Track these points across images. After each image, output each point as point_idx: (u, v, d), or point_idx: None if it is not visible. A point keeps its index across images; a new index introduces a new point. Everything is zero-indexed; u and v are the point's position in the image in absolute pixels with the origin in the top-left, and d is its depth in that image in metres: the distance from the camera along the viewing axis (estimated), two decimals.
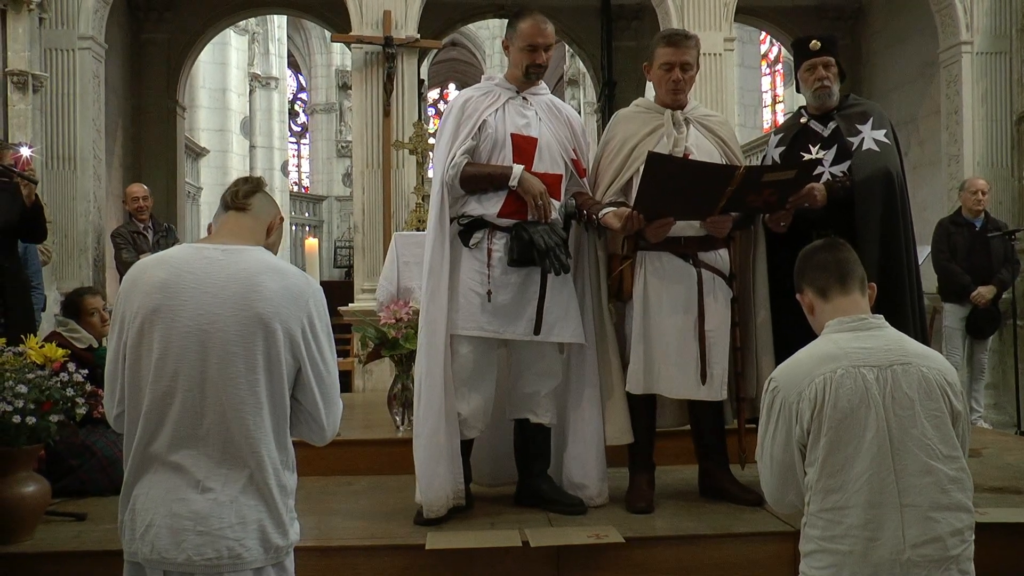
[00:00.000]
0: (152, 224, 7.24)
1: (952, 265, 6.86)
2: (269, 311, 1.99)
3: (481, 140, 3.38)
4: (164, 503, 1.95)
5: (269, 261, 2.08)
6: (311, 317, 2.07)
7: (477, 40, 22.68)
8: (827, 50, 3.68)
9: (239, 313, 1.98)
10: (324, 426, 2.13)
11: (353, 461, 4.30)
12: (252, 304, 1.99)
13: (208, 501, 1.95)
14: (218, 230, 2.18)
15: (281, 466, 2.04)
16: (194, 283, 2.00)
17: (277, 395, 2.02)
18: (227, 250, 2.06)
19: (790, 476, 2.27)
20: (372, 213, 7.70)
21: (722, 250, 3.53)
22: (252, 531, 1.97)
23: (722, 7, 8.09)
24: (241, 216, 2.16)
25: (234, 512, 1.96)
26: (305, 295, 2.07)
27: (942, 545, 2.12)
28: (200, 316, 1.97)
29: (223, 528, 1.94)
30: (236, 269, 2.02)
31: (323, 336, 2.10)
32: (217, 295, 1.99)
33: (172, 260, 2.05)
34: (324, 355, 2.10)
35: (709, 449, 3.65)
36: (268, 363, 2.00)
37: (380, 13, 7.76)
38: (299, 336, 2.04)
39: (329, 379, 2.12)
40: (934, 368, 2.23)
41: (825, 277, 2.37)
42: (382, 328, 4.49)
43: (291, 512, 2.07)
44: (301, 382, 2.07)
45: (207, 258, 2.04)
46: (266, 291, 2.01)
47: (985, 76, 8.30)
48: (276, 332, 2.00)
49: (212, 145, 17.43)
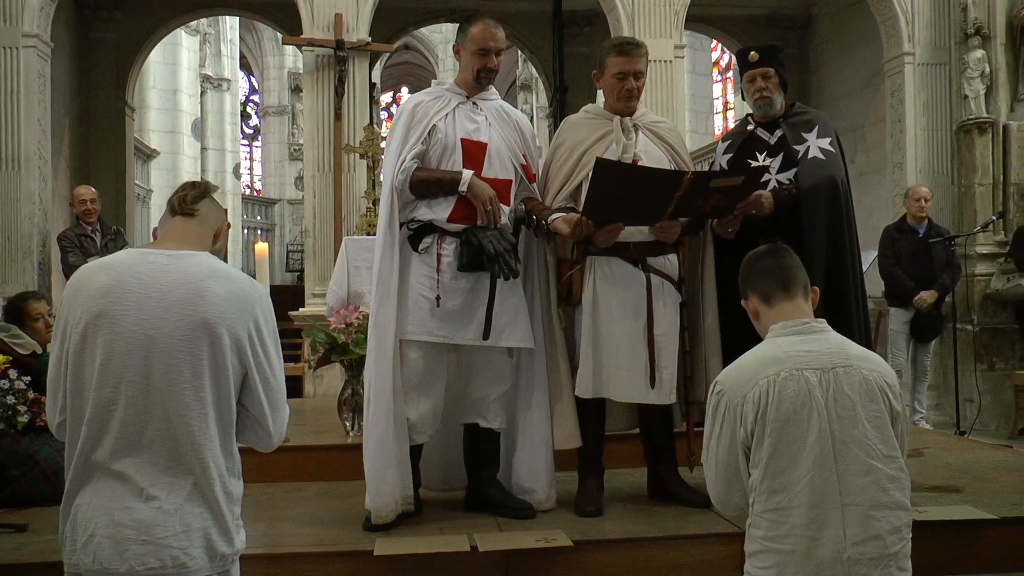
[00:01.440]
0: (100, 227, 7.12)
1: (896, 270, 7.02)
2: (215, 316, 1.98)
3: (431, 145, 3.37)
4: (106, 512, 1.92)
5: (215, 266, 2.07)
6: (258, 322, 2.06)
7: (430, 44, 22.65)
8: (766, 61, 3.72)
9: (184, 318, 1.96)
10: (271, 432, 2.12)
11: (303, 467, 4.27)
12: (198, 309, 1.97)
13: (152, 509, 1.92)
14: (164, 235, 2.15)
15: (227, 473, 2.02)
16: (139, 288, 1.97)
17: (223, 401, 2.01)
18: (173, 255, 2.04)
19: (735, 478, 2.30)
20: (323, 217, 7.66)
21: (671, 255, 3.56)
22: (197, 539, 1.95)
23: (672, 15, 8.18)
24: (188, 221, 2.14)
25: (178, 520, 1.93)
26: (252, 300, 2.06)
27: (881, 543, 2.16)
28: (144, 321, 1.95)
29: (167, 537, 1.92)
30: (182, 274, 2.00)
31: (270, 341, 2.09)
32: (162, 300, 1.96)
33: (116, 265, 2.02)
34: (271, 360, 2.09)
35: (658, 452, 3.68)
36: (214, 369, 1.98)
37: (331, 16, 7.73)
38: (245, 341, 2.02)
39: (276, 385, 2.11)
40: (874, 371, 2.27)
41: (769, 283, 2.41)
42: (332, 333, 4.46)
43: (237, 520, 2.05)
44: (247, 388, 2.06)
45: (152, 263, 2.02)
46: (212, 296, 1.99)
47: (926, 86, 8.53)
48: (222, 337, 1.98)
49: (163, 147, 17.18)
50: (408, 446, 3.34)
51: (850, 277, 3.67)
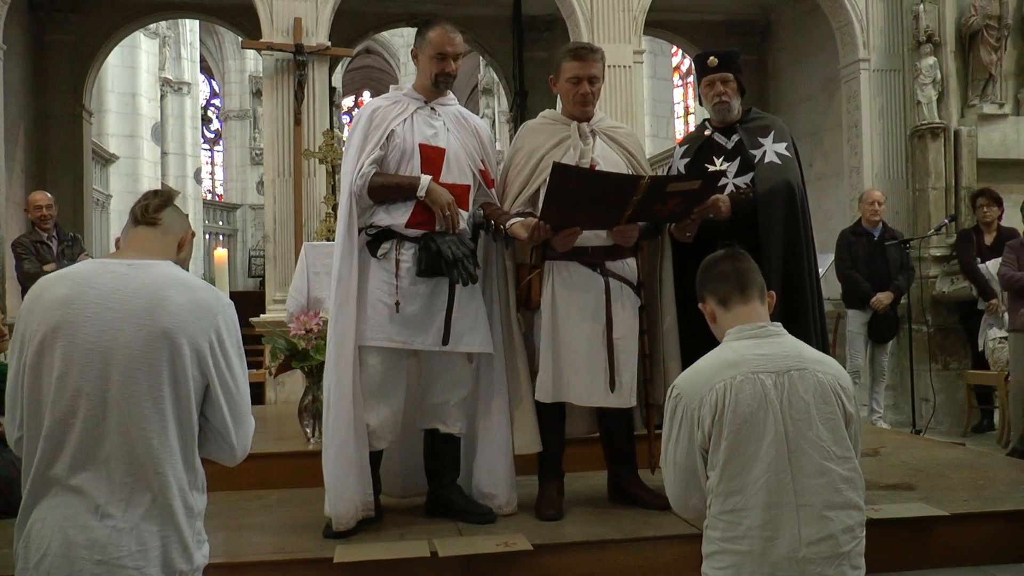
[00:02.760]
0: (57, 233, 7.00)
1: (853, 273, 7.12)
2: (175, 325, 1.94)
3: (389, 150, 3.36)
4: (61, 530, 1.87)
5: (176, 275, 2.02)
6: (219, 332, 2.01)
7: (392, 48, 22.59)
8: (725, 66, 3.75)
9: (143, 328, 1.92)
10: (234, 445, 2.08)
11: (265, 474, 4.23)
12: (157, 319, 1.93)
13: (107, 528, 1.87)
14: (126, 245, 2.11)
15: (188, 487, 1.98)
16: (97, 299, 1.93)
17: (184, 413, 1.96)
18: (133, 264, 2.00)
19: (693, 481, 2.31)
20: (283, 222, 7.60)
21: (629, 259, 3.58)
22: (154, 558, 1.90)
23: (631, 20, 8.24)
24: (151, 231, 2.10)
25: (134, 539, 1.89)
26: (214, 309, 2.02)
27: (835, 542, 2.18)
28: (103, 332, 1.91)
29: (122, 557, 1.87)
30: (141, 284, 1.96)
31: (232, 352, 2.05)
32: (120, 310, 1.92)
33: (75, 276, 1.98)
34: (233, 371, 2.05)
35: (618, 455, 3.70)
36: (174, 380, 1.94)
37: (291, 20, 7.67)
38: (207, 351, 1.98)
39: (239, 396, 2.07)
40: (829, 373, 2.30)
41: (726, 287, 2.43)
42: (292, 339, 4.43)
43: (199, 534, 2.01)
44: (209, 399, 2.02)
45: (112, 272, 1.98)
46: (172, 305, 1.95)
47: (881, 92, 8.67)
48: (182, 347, 1.94)
49: (122, 151, 16.93)
50: (368, 452, 3.33)
51: (806, 280, 3.71)
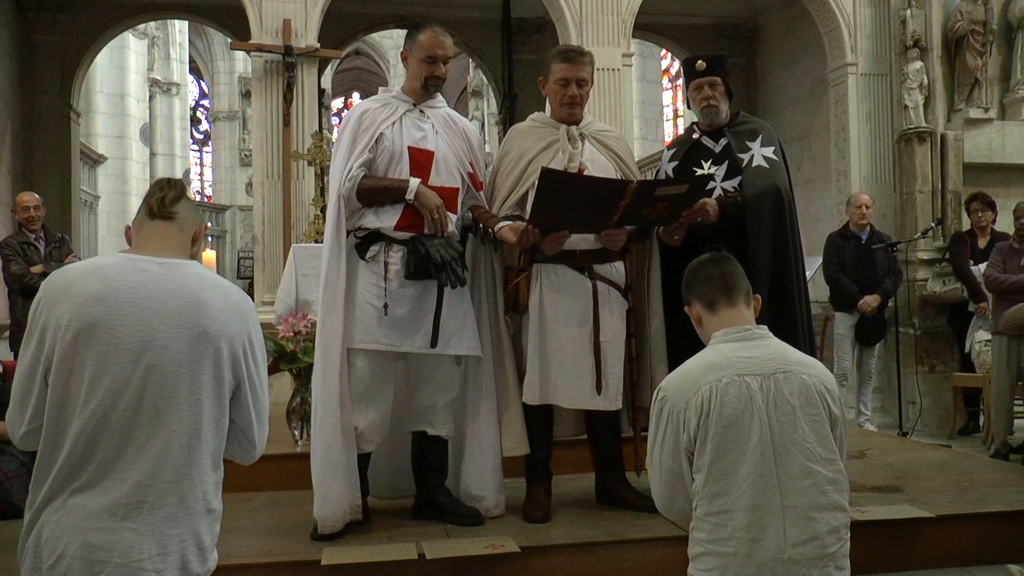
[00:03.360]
0: (44, 234, 6.96)
1: (841, 276, 7.16)
2: (216, 329, 1.93)
3: (378, 153, 3.36)
4: (79, 532, 1.82)
5: (209, 277, 2.02)
6: (251, 334, 2.03)
7: (381, 50, 22.59)
8: (713, 70, 3.76)
9: (184, 331, 1.90)
10: (255, 443, 2.09)
11: (252, 477, 4.20)
12: (199, 322, 1.92)
13: (128, 530, 1.84)
14: (145, 240, 2.05)
15: (212, 488, 1.97)
16: (134, 297, 1.89)
17: (219, 416, 1.96)
18: (164, 263, 1.97)
19: (679, 483, 2.32)
20: (272, 224, 7.60)
21: (617, 263, 3.59)
22: (173, 561, 1.89)
23: (620, 23, 8.27)
24: (168, 225, 2.06)
25: (156, 542, 1.86)
26: (246, 313, 2.03)
27: (820, 543, 2.20)
28: (141, 332, 1.87)
29: (142, 560, 1.85)
30: (176, 284, 1.94)
31: (260, 354, 2.07)
32: (158, 311, 1.90)
33: (106, 271, 1.92)
34: (261, 373, 2.07)
35: (606, 458, 3.71)
36: (214, 382, 1.94)
37: (280, 22, 7.67)
38: (240, 354, 1.99)
39: (264, 397, 2.08)
40: (814, 376, 2.32)
41: (712, 290, 2.45)
42: (281, 341, 4.42)
43: (215, 538, 2.01)
44: (238, 400, 2.02)
45: (144, 270, 1.94)
46: (212, 308, 1.94)
47: (869, 96, 8.73)
48: (222, 351, 1.94)
49: (110, 152, 16.89)
50: (356, 455, 3.33)
51: (794, 283, 3.72)
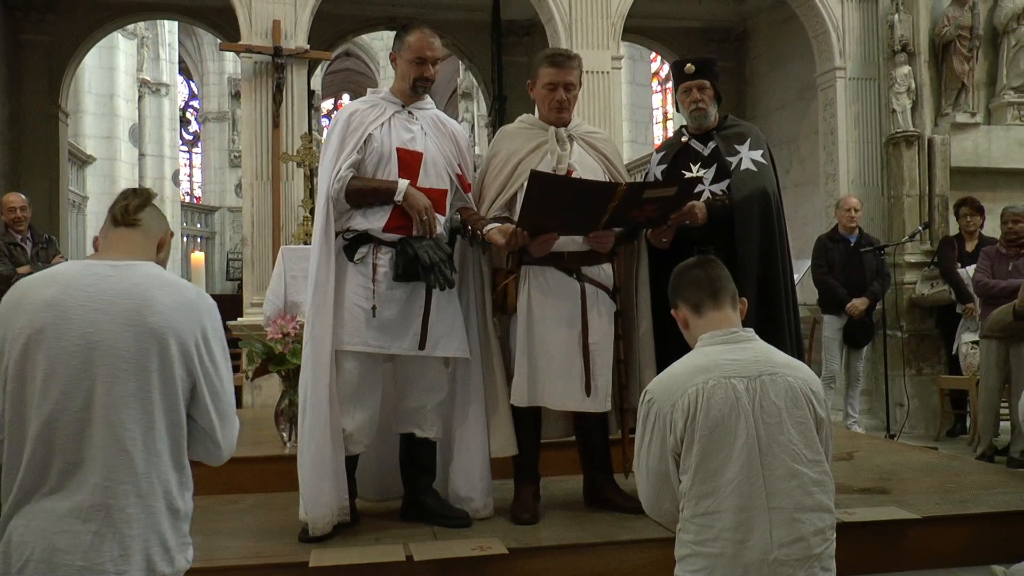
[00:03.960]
0: (31, 235, 6.94)
1: (829, 279, 7.19)
2: (163, 325, 1.93)
3: (367, 154, 3.36)
4: (44, 536, 1.85)
5: (161, 275, 2.02)
6: (205, 331, 2.02)
7: (371, 51, 22.57)
8: (702, 73, 3.77)
9: (131, 329, 1.91)
10: (220, 444, 2.07)
11: (240, 478, 4.21)
12: (145, 319, 1.92)
13: (90, 533, 1.86)
14: (107, 246, 2.08)
15: (176, 489, 1.97)
16: (84, 300, 1.91)
17: (173, 413, 1.96)
18: (117, 265, 1.99)
19: (665, 485, 2.33)
20: (262, 226, 7.58)
21: (606, 265, 3.59)
22: (136, 562, 1.89)
23: (610, 26, 8.28)
24: (131, 232, 2.08)
25: (117, 544, 1.87)
26: (199, 309, 2.02)
27: (806, 544, 2.21)
28: (89, 333, 1.89)
29: (103, 562, 1.86)
30: (127, 284, 1.95)
31: (218, 351, 2.05)
32: (107, 311, 1.91)
33: (60, 278, 1.95)
34: (219, 370, 2.05)
35: (594, 460, 3.71)
36: (163, 380, 1.93)
37: (269, 23, 7.66)
38: (193, 351, 1.98)
39: (224, 395, 2.07)
40: (800, 378, 2.33)
41: (698, 293, 2.45)
42: (269, 343, 4.42)
43: (184, 538, 2.00)
44: (196, 399, 2.01)
45: (96, 274, 1.96)
46: (159, 305, 1.94)
47: (857, 100, 8.77)
48: (170, 347, 1.94)
49: (99, 153, 16.81)
50: (344, 456, 3.33)
51: (782, 286, 3.73)
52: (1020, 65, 8.53)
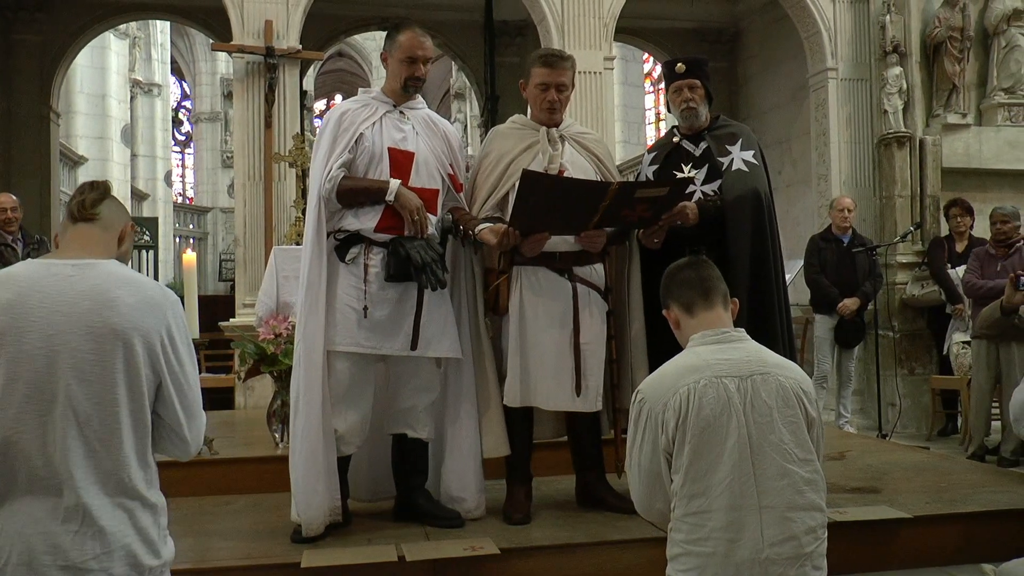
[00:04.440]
0: (22, 236, 6.91)
1: (821, 279, 7.21)
2: (126, 325, 1.92)
3: (358, 154, 3.35)
4: (21, 539, 1.85)
5: (123, 274, 2.00)
6: (169, 328, 2.01)
7: (364, 51, 22.58)
8: (693, 72, 3.78)
9: (93, 330, 1.90)
10: (187, 439, 2.07)
11: (232, 479, 4.22)
12: (107, 320, 1.91)
13: (69, 533, 1.86)
14: (66, 244, 2.06)
15: (145, 485, 1.97)
16: (42, 302, 1.89)
17: (139, 412, 1.95)
18: (77, 265, 1.96)
19: (657, 484, 2.34)
20: (254, 226, 7.57)
21: (597, 265, 3.60)
22: (119, 558, 1.89)
23: (602, 27, 8.29)
24: (90, 227, 2.05)
25: (98, 542, 1.88)
26: (162, 306, 2.00)
27: (797, 543, 2.22)
28: (51, 336, 1.87)
29: (86, 560, 1.86)
30: (88, 285, 1.93)
31: (182, 347, 2.04)
32: (68, 313, 1.89)
33: (18, 279, 1.93)
34: (184, 367, 2.04)
35: (586, 459, 3.71)
36: (128, 380, 1.93)
37: (261, 23, 7.65)
38: (158, 349, 1.97)
39: (190, 392, 2.06)
40: (791, 378, 2.34)
41: (690, 293, 2.47)
42: (261, 343, 4.41)
43: (163, 530, 2.01)
44: (162, 396, 2.01)
45: (56, 275, 1.94)
46: (122, 305, 1.93)
47: (849, 101, 8.80)
48: (135, 347, 1.93)
49: (91, 153, 16.77)
50: (336, 457, 3.32)
51: (774, 286, 3.74)
52: (1010, 67, 8.57)
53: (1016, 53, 8.54)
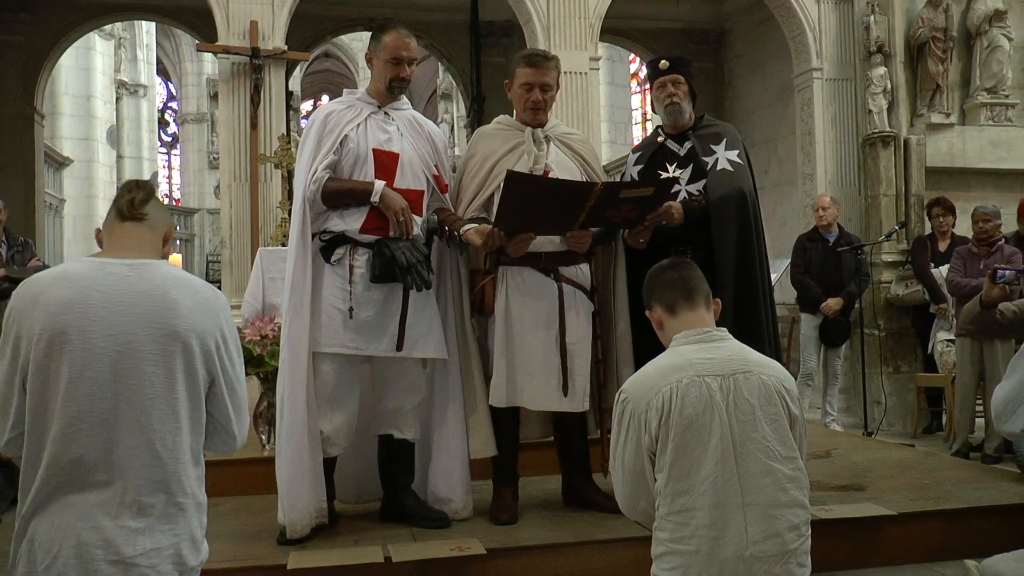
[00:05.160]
0: (6, 237, 6.85)
1: (805, 278, 7.24)
2: (185, 327, 1.97)
3: (343, 155, 3.34)
4: (73, 532, 1.88)
5: (179, 275, 2.06)
6: (223, 330, 2.07)
7: (350, 52, 22.55)
8: (676, 69, 3.78)
9: (155, 332, 1.95)
10: (235, 436, 2.15)
11: (219, 482, 4.14)
12: (168, 321, 1.96)
13: (120, 528, 1.89)
14: (116, 242, 2.09)
15: (196, 483, 2.03)
16: (103, 302, 1.93)
17: (196, 411, 2.01)
18: (133, 265, 2.00)
19: (641, 484, 2.34)
20: (240, 227, 7.55)
21: (583, 265, 3.60)
22: (167, 556, 1.94)
23: (587, 27, 8.31)
24: (139, 227, 2.09)
25: (148, 539, 1.91)
26: (216, 308, 2.07)
27: (780, 540, 2.23)
28: (113, 337, 1.92)
29: (136, 556, 1.90)
30: (147, 286, 1.98)
31: (234, 348, 2.11)
32: (129, 314, 1.94)
33: (75, 277, 1.96)
34: (236, 367, 2.12)
35: (573, 459, 3.72)
36: (187, 380, 1.98)
37: (247, 23, 7.64)
38: (213, 350, 2.03)
39: (240, 389, 2.14)
40: (773, 376, 2.35)
41: (672, 294, 2.48)
42: (247, 345, 4.39)
43: (204, 529, 2.06)
44: (214, 395, 2.07)
45: (113, 274, 1.97)
46: (181, 308, 1.98)
47: (834, 101, 8.84)
48: (193, 348, 1.98)
49: (76, 155, 16.69)
50: (322, 459, 3.32)
51: (759, 285, 3.74)
52: (992, 67, 8.64)
53: (998, 53, 8.61)
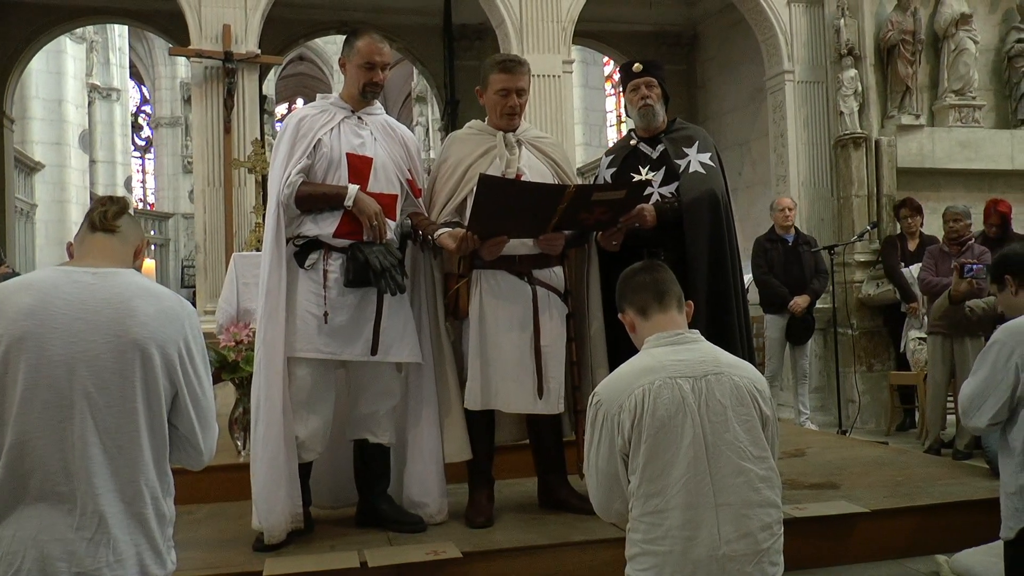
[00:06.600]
0: None
1: (770, 278, 7.29)
2: (145, 335, 1.94)
3: (316, 159, 3.34)
4: (35, 544, 1.85)
5: (142, 283, 2.03)
6: (187, 340, 2.04)
7: (324, 55, 22.48)
8: (649, 72, 3.81)
9: (114, 339, 1.92)
10: (201, 450, 2.11)
11: (194, 488, 4.13)
12: (128, 329, 1.93)
13: (83, 540, 1.87)
14: (85, 252, 2.08)
15: (161, 494, 2.00)
16: (65, 309, 1.91)
17: (156, 422, 1.98)
18: (98, 273, 1.99)
19: (615, 486, 2.36)
20: (214, 232, 7.51)
21: (556, 267, 3.61)
22: (130, 566, 1.92)
23: (560, 30, 8.33)
24: (110, 238, 2.08)
25: (111, 550, 1.89)
26: (180, 317, 2.04)
27: (753, 540, 2.25)
28: (72, 344, 1.89)
29: (100, 567, 1.88)
30: (109, 293, 1.95)
31: (199, 359, 2.08)
32: (89, 321, 1.91)
33: (38, 284, 1.94)
34: (200, 378, 2.08)
35: (548, 462, 3.73)
36: (146, 390, 1.95)
37: (220, 27, 7.59)
38: (175, 360, 2.00)
39: (205, 402, 2.10)
40: (745, 377, 2.37)
41: (644, 297, 2.49)
42: (222, 351, 4.37)
43: (169, 541, 2.04)
44: (177, 406, 2.04)
45: (77, 282, 1.95)
46: (141, 315, 1.95)
47: (806, 103, 8.92)
48: (153, 357, 1.95)
49: (48, 159, 16.51)
50: (297, 464, 3.31)
51: (732, 287, 3.77)
52: (959, 69, 8.75)
53: (964, 56, 8.73)
